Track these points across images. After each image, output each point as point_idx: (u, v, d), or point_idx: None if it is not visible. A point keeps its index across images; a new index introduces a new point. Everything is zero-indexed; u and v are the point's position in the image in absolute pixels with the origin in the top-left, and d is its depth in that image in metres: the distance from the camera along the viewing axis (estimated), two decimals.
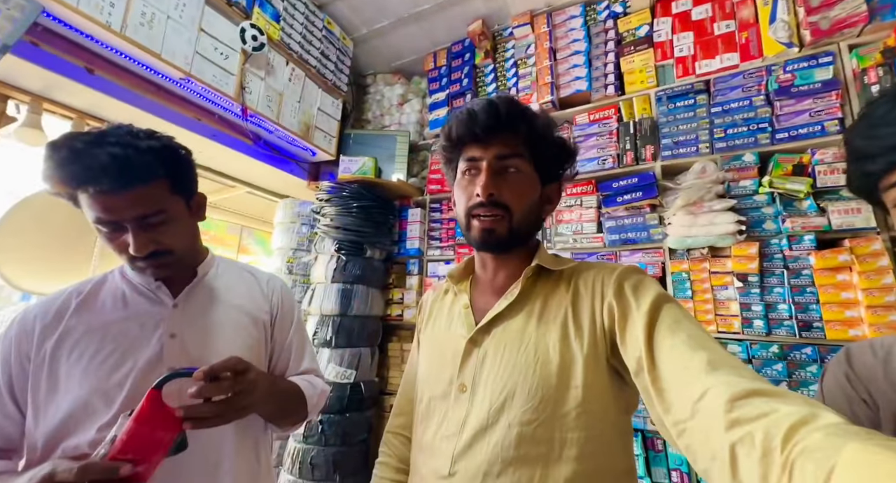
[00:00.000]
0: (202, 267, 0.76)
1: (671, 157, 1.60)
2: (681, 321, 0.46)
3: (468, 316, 0.62)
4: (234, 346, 0.71)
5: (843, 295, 1.24)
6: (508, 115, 0.58)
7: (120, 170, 0.57)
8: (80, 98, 1.41)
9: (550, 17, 2.02)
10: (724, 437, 0.33)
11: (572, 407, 0.49)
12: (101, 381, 0.61)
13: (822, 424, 0.29)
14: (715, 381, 0.37)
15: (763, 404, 0.32)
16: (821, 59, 1.42)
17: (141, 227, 0.61)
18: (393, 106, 2.49)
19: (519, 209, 0.58)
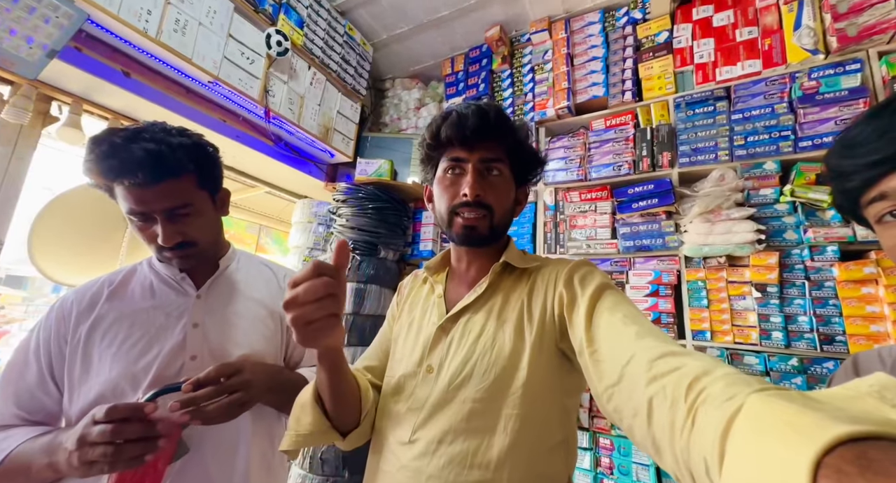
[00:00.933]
0: (224, 260, 0.81)
1: (689, 164, 1.58)
2: (619, 304, 0.51)
3: (440, 305, 0.68)
4: (251, 337, 0.75)
5: (868, 308, 1.20)
6: (496, 122, 0.62)
7: (153, 164, 0.62)
8: (116, 100, 1.49)
9: (569, 24, 2.03)
10: (643, 393, 0.37)
11: (518, 386, 0.55)
12: (130, 365, 0.66)
13: (721, 374, 0.31)
14: (639, 347, 0.41)
15: (674, 360, 0.36)
16: (848, 67, 1.38)
17: (169, 219, 0.66)
18: (410, 110, 2.53)
19: (500, 209, 0.64)
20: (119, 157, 0.61)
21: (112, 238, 2.30)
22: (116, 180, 0.63)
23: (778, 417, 0.23)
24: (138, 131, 0.65)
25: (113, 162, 0.61)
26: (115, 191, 0.65)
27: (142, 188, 0.63)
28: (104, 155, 0.62)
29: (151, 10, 1.34)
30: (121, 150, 0.62)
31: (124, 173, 0.62)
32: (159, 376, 0.65)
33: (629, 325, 0.46)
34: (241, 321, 0.76)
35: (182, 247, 0.68)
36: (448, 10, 2.12)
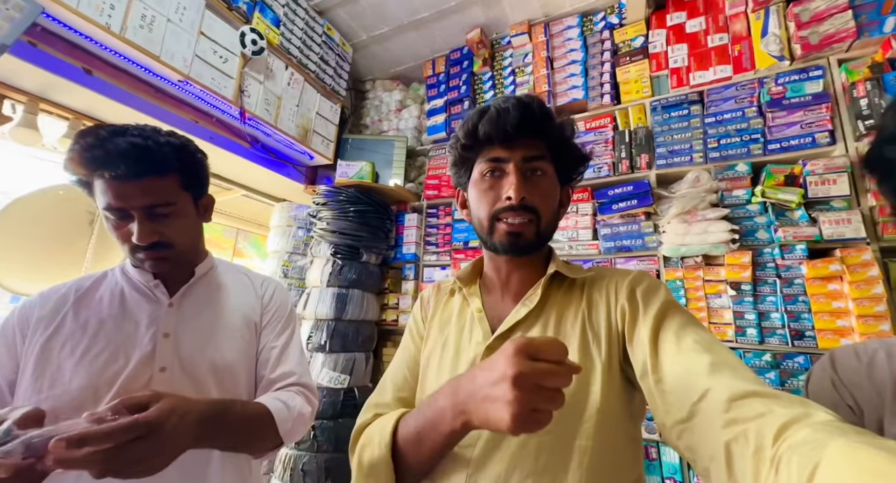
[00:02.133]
0: (200, 267, 0.77)
1: (666, 166, 1.61)
2: (686, 326, 0.46)
3: (483, 322, 0.60)
4: (225, 347, 0.72)
5: (835, 304, 1.26)
6: (541, 115, 0.56)
7: (137, 158, 0.61)
8: (77, 99, 1.41)
9: (548, 27, 2.06)
10: (720, 436, 0.34)
11: (591, 414, 0.48)
12: (92, 376, 0.61)
13: (812, 421, 0.29)
14: (715, 382, 0.37)
15: (760, 405, 0.33)
16: (811, 73, 1.45)
17: (147, 217, 0.63)
18: (391, 111, 2.50)
19: (547, 213, 0.58)
20: (104, 147, 0.60)
21: (75, 245, 2.18)
22: (97, 172, 0.61)
23: (863, 464, 0.23)
24: (126, 127, 0.64)
25: (97, 152, 0.60)
26: (95, 185, 0.63)
27: (123, 182, 0.61)
28: (88, 145, 0.60)
29: (115, 5, 1.27)
30: (106, 141, 0.60)
31: (107, 164, 0.60)
32: (125, 389, 0.61)
33: (701, 354, 0.41)
34: (216, 331, 0.72)
35: (157, 247, 0.65)
36: (428, 11, 2.11)
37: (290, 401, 0.70)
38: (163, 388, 0.58)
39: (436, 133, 2.26)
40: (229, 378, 0.71)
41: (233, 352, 0.73)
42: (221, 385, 0.69)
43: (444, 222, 2.10)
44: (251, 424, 0.63)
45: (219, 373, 0.69)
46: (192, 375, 0.67)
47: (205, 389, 0.67)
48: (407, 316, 2.04)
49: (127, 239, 0.64)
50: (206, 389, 0.67)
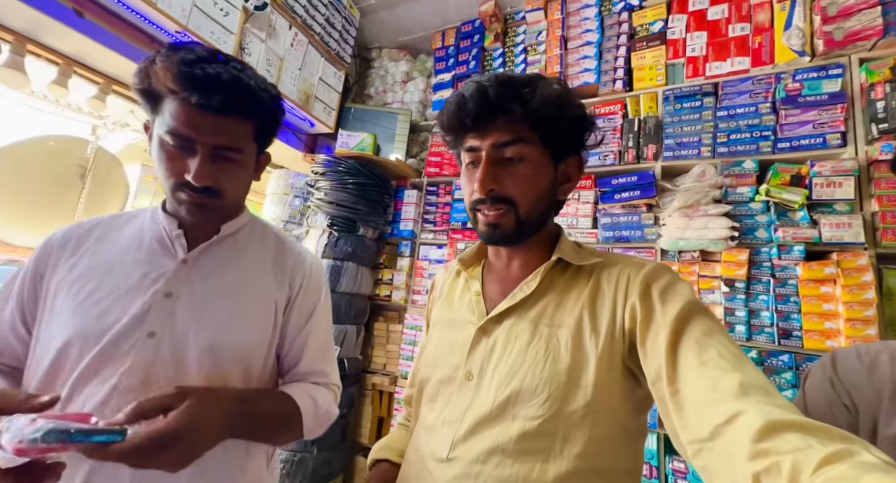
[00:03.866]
0: (228, 225, 0.68)
1: (672, 158, 1.59)
2: (711, 335, 0.43)
3: (479, 304, 0.60)
4: (233, 321, 0.63)
5: (825, 306, 1.27)
6: (500, 98, 0.52)
7: (236, 94, 0.56)
8: (67, 42, 1.34)
9: (565, 5, 1.97)
10: (748, 465, 0.32)
11: (580, 406, 0.47)
12: (86, 323, 0.56)
13: (854, 461, 0.28)
14: (745, 406, 0.35)
15: (797, 439, 0.31)
16: (830, 71, 1.41)
17: (212, 157, 0.58)
18: (396, 83, 2.43)
19: (525, 201, 0.54)
20: (204, 69, 0.54)
21: (65, 199, 2.12)
22: (185, 92, 0.54)
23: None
24: (228, 57, 0.59)
25: (198, 72, 0.54)
26: (167, 103, 0.56)
27: (205, 112, 0.55)
28: (187, 61, 0.54)
29: None
30: (209, 65, 0.55)
31: (202, 88, 0.54)
32: (106, 352, 0.55)
33: (728, 371, 0.39)
34: (226, 300, 0.63)
35: (207, 192, 0.58)
36: None
37: (321, 399, 0.67)
38: (146, 357, 0.55)
39: (441, 108, 2.19)
40: (231, 360, 0.61)
41: (242, 328, 0.63)
42: (218, 366, 0.59)
43: (444, 201, 2.08)
44: (278, 420, 0.61)
45: (218, 351, 0.60)
46: (181, 348, 0.58)
47: (194, 369, 0.58)
48: (400, 292, 2.04)
49: (177, 173, 0.57)
50: (197, 369, 0.58)
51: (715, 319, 0.46)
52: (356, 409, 1.98)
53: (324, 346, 0.73)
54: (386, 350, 2.05)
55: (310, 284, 0.72)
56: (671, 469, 1.37)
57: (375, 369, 2.06)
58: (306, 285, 0.71)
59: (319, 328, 0.72)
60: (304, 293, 0.71)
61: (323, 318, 0.74)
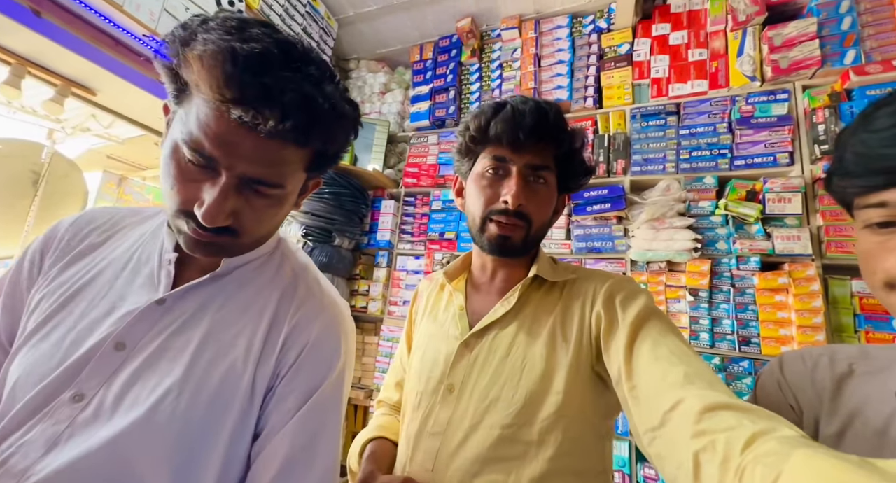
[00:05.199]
0: (233, 259, 0.50)
1: (640, 173, 1.67)
2: (664, 335, 0.47)
3: (462, 318, 0.63)
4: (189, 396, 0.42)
5: (780, 314, 1.35)
6: (555, 125, 0.57)
7: (300, 118, 0.39)
8: (21, 42, 1.27)
9: (538, 25, 2.05)
10: (689, 445, 0.35)
11: (551, 412, 0.51)
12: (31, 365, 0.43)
13: (778, 435, 0.30)
14: (687, 393, 0.38)
15: (730, 417, 0.34)
16: (778, 95, 1.53)
17: (238, 189, 0.41)
18: (374, 94, 2.43)
19: (539, 221, 0.59)
20: (266, 79, 0.37)
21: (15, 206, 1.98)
22: (227, 102, 0.37)
23: (822, 474, 0.23)
24: (308, 57, 0.42)
25: (252, 79, 0.37)
26: (194, 99, 0.40)
27: (249, 132, 0.38)
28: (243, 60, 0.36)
29: None
30: (272, 69, 0.38)
31: (252, 101, 0.37)
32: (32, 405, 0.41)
33: (675, 365, 0.42)
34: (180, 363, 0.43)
35: (220, 231, 0.42)
36: None
37: None
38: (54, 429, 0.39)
39: (419, 120, 2.21)
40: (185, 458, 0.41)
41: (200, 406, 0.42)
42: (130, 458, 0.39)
43: (421, 212, 2.08)
44: None
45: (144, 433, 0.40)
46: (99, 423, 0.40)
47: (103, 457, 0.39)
48: (376, 303, 2.01)
49: (185, 198, 0.41)
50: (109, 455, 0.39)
51: (669, 322, 0.51)
52: None
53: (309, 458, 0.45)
54: (361, 363, 2.00)
55: (313, 354, 0.48)
56: (643, 476, 1.40)
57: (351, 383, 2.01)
58: (307, 355, 0.48)
59: (309, 428, 0.46)
60: (300, 366, 0.47)
61: (322, 418, 0.47)
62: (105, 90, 1.60)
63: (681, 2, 1.80)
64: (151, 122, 1.90)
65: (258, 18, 0.42)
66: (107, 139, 2.36)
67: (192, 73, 0.39)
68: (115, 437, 0.39)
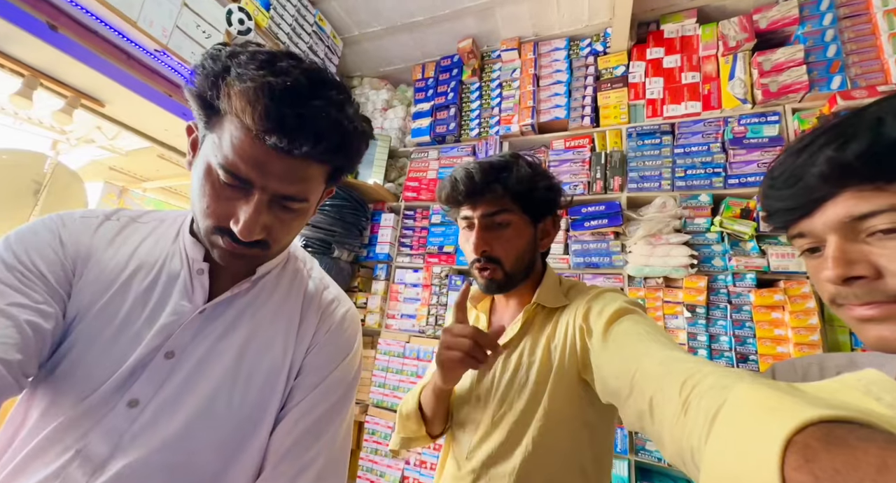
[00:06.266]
0: (263, 268, 0.55)
1: (636, 190, 1.70)
2: (636, 324, 0.52)
3: None
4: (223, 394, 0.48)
5: (776, 331, 1.36)
6: (482, 181, 0.67)
7: (329, 142, 0.43)
8: (36, 54, 1.30)
9: (537, 47, 2.13)
10: (645, 394, 0.39)
11: (542, 414, 0.62)
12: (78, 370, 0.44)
13: (714, 370, 0.34)
14: (645, 356, 0.44)
15: (675, 364, 0.39)
16: (769, 117, 1.58)
17: (271, 206, 0.45)
18: (377, 110, 2.49)
19: (510, 259, 0.68)
20: (299, 110, 0.41)
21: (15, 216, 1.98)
22: (263, 132, 0.41)
23: (760, 402, 0.25)
24: (330, 87, 0.45)
25: (286, 110, 0.40)
26: (226, 125, 0.43)
27: (279, 155, 0.42)
28: (279, 94, 0.40)
29: None
30: (304, 101, 0.41)
31: (286, 130, 0.41)
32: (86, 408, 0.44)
33: (641, 342, 0.48)
34: (228, 363, 0.49)
35: (255, 245, 0.46)
36: (423, 15, 2.13)
37: None
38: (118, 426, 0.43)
39: (420, 136, 2.26)
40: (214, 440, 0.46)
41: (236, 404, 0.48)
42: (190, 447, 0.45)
43: (421, 225, 2.10)
44: None
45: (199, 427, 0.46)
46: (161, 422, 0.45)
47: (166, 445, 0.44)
48: (374, 316, 2.00)
49: (220, 216, 0.45)
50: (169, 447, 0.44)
51: (641, 315, 0.56)
52: None
53: (324, 427, 0.51)
54: (361, 377, 1.98)
55: (333, 338, 0.56)
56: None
57: None
58: (329, 338, 0.56)
59: (328, 400, 0.52)
60: (322, 348, 0.55)
61: (339, 392, 0.54)
62: (114, 102, 1.63)
63: (674, 27, 1.87)
64: (157, 134, 1.93)
65: (282, 50, 0.46)
66: (110, 151, 2.38)
67: (230, 105, 0.42)
68: (177, 434, 0.45)
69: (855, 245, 0.36)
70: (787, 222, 0.43)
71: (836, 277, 0.36)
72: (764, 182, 0.45)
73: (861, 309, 0.36)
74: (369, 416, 1.83)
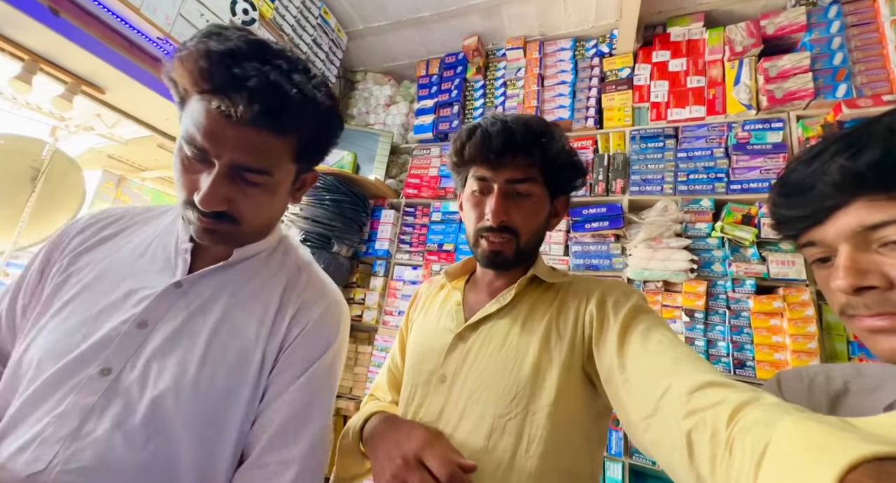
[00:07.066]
0: (243, 249, 0.55)
1: (638, 193, 1.69)
2: (653, 328, 0.49)
3: (458, 313, 0.65)
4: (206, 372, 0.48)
5: (774, 338, 1.36)
6: (524, 141, 0.58)
7: (269, 102, 0.44)
8: (37, 39, 1.28)
9: (542, 46, 2.12)
10: (681, 426, 0.35)
11: (543, 405, 0.52)
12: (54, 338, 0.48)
13: (761, 404, 0.32)
14: (676, 378, 0.40)
15: (715, 393, 0.35)
16: (773, 124, 1.58)
17: (228, 176, 0.46)
18: (380, 105, 2.47)
19: (527, 232, 0.61)
20: (235, 68, 0.42)
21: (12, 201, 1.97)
22: (204, 93, 0.43)
23: (809, 439, 0.24)
24: (279, 55, 0.47)
25: (221, 70, 0.42)
26: (191, 102, 0.46)
27: (230, 122, 0.43)
28: (215, 55, 0.42)
29: None
30: (241, 61, 0.43)
31: (224, 89, 0.42)
32: (56, 379, 0.45)
33: (665, 353, 0.44)
34: (200, 341, 0.49)
35: (219, 217, 0.48)
36: (429, 11, 2.11)
37: None
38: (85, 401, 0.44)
39: (422, 133, 2.25)
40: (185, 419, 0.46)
41: (206, 384, 0.48)
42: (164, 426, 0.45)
43: (421, 222, 2.09)
44: None
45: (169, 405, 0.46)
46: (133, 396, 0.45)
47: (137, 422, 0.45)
48: (372, 312, 2.00)
49: (188, 188, 0.47)
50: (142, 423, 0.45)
51: (657, 318, 0.52)
52: None
53: (301, 423, 0.51)
54: (353, 373, 1.97)
55: (313, 332, 0.55)
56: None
57: (341, 393, 1.97)
58: (308, 332, 0.54)
59: (304, 397, 0.52)
60: (301, 342, 0.54)
61: (317, 388, 0.53)
62: (114, 89, 1.61)
63: (680, 31, 1.87)
64: (158, 123, 1.92)
65: (239, 27, 0.48)
66: (109, 139, 2.36)
67: (178, 75, 0.45)
68: (149, 404, 0.45)
69: (867, 255, 0.35)
70: (798, 231, 0.42)
71: (847, 287, 0.36)
72: (773, 190, 0.45)
73: (872, 320, 0.35)
74: None
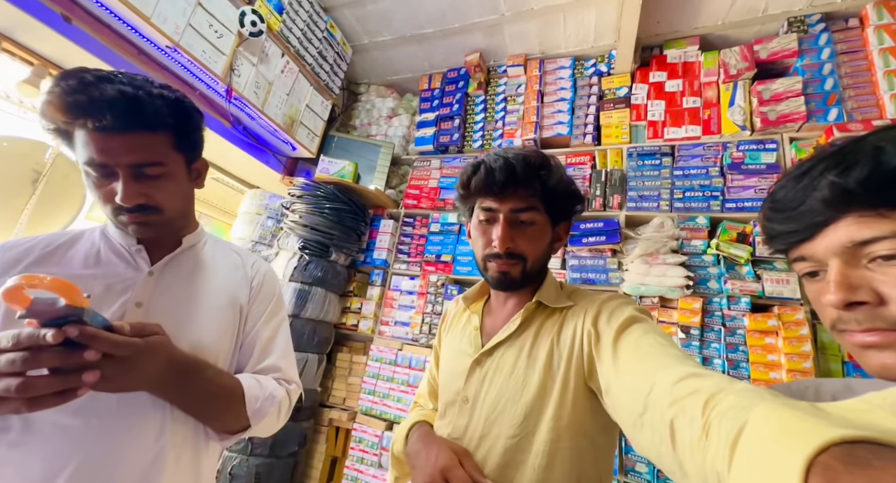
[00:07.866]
0: (189, 238, 0.71)
1: (635, 209, 1.72)
2: (646, 334, 0.51)
3: (476, 338, 0.71)
4: (203, 326, 0.65)
5: (770, 357, 1.36)
6: (524, 174, 0.63)
7: (126, 109, 0.54)
8: (48, 45, 1.30)
9: (543, 64, 2.17)
10: (664, 417, 0.37)
11: (545, 421, 0.58)
12: None
13: (734, 389, 0.33)
14: (661, 374, 0.42)
15: (694, 382, 0.37)
16: (767, 145, 1.61)
17: (133, 176, 0.57)
18: (382, 117, 2.51)
19: (533, 257, 0.65)
20: (88, 93, 0.53)
21: (11, 203, 1.96)
22: (79, 120, 0.54)
23: (781, 424, 0.25)
24: (114, 74, 0.57)
25: (80, 97, 0.53)
26: (76, 136, 0.56)
27: (107, 134, 0.54)
28: (70, 89, 0.53)
29: None
30: (92, 87, 0.53)
31: (90, 112, 0.53)
32: None
33: (655, 355, 0.46)
34: (196, 308, 0.66)
35: (143, 210, 0.59)
36: (433, 28, 2.17)
37: (266, 382, 0.68)
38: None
39: (423, 144, 2.28)
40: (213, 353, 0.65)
41: (212, 333, 0.66)
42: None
43: (420, 233, 2.10)
44: (219, 391, 0.61)
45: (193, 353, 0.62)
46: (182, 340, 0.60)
47: None
48: (368, 322, 1.99)
49: (109, 199, 0.57)
50: None
51: (652, 324, 0.55)
52: (308, 446, 1.84)
53: (279, 342, 0.74)
54: (347, 383, 1.95)
55: (266, 286, 0.77)
56: None
57: (334, 403, 1.95)
58: (263, 282, 0.77)
59: (273, 325, 0.75)
60: (261, 290, 0.76)
61: (279, 317, 0.77)
62: None
63: (676, 53, 1.92)
64: None
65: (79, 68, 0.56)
66: None
67: (54, 118, 0.55)
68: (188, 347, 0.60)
69: (856, 270, 0.36)
70: (789, 245, 0.43)
71: (838, 302, 0.36)
72: (765, 205, 0.46)
73: (862, 335, 0.36)
74: (357, 423, 1.80)
